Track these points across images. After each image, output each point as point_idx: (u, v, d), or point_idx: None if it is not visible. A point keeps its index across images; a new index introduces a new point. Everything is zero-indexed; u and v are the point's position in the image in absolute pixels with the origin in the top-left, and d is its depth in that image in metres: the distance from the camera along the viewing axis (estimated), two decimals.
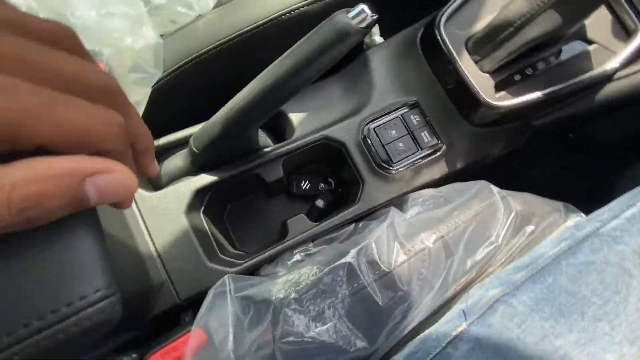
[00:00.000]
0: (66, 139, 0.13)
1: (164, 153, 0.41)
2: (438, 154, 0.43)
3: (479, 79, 0.39)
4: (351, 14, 0.28)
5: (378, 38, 0.62)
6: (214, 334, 0.30)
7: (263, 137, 0.45)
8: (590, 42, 0.39)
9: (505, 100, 0.38)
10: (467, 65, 0.39)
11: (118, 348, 0.35)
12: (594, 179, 0.59)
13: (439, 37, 0.39)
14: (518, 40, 0.35)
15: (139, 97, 0.37)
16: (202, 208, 0.40)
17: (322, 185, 0.51)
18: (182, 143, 0.41)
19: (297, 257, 0.40)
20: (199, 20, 0.40)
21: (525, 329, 0.21)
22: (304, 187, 0.51)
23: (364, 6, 0.28)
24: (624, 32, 0.38)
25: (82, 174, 0.13)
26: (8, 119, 0.12)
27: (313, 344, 0.28)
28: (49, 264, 0.14)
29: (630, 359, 0.18)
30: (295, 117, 0.45)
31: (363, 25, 0.28)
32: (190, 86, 0.43)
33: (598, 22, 0.39)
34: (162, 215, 0.37)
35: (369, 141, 0.42)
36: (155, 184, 0.41)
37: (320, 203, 0.47)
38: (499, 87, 0.39)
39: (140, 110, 0.39)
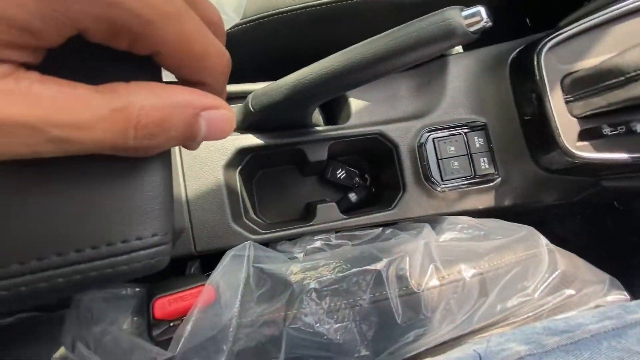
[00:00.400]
0: (183, 55, 0.13)
1: None
2: (490, 184, 0.41)
3: (564, 120, 0.36)
4: (465, 13, 0.26)
5: (458, 47, 0.58)
6: (223, 293, 0.30)
7: (316, 115, 0.44)
8: None
9: (586, 152, 0.35)
10: (556, 103, 0.36)
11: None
12: (635, 253, 0.55)
13: (535, 64, 0.36)
14: (624, 94, 0.32)
15: None
16: (240, 168, 0.39)
17: (357, 179, 0.49)
18: (239, 97, 0.40)
19: (317, 243, 0.39)
20: None
21: None
22: (339, 176, 0.49)
23: (481, 8, 0.25)
24: None
25: (200, 107, 0.13)
26: (146, 16, 0.11)
27: (319, 338, 0.28)
28: (116, 196, 0.13)
29: None
30: (355, 104, 0.43)
31: (473, 29, 0.26)
32: (263, 41, 0.41)
33: None
34: (200, 163, 0.36)
35: (424, 150, 0.40)
36: None
37: (353, 197, 0.45)
38: (582, 136, 0.36)
39: None
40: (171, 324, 0.29)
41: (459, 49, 0.56)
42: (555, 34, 0.36)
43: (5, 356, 0.31)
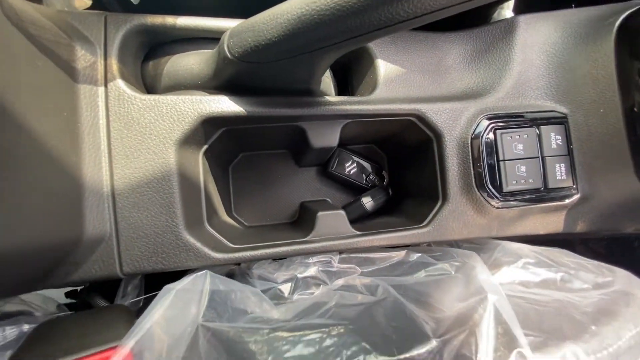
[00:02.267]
0: None
1: (178, 42, 0.26)
2: (564, 202, 0.29)
3: None
4: None
5: (509, 13, 0.45)
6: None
7: (326, 81, 0.30)
8: None
9: None
10: None
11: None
12: None
13: None
14: None
15: None
16: (206, 146, 0.26)
17: (372, 176, 0.36)
18: (209, 38, 0.26)
19: (312, 270, 0.26)
20: None
21: None
22: (347, 170, 0.36)
23: None
24: None
25: None
26: None
27: None
28: None
29: None
30: (385, 69, 0.29)
31: None
32: None
33: None
34: (140, 135, 0.23)
35: (480, 145, 0.28)
36: (150, 84, 0.26)
37: (368, 203, 0.33)
38: None
39: None
40: None
41: (506, 14, 0.43)
42: None
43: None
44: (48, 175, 0.18)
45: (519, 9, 0.45)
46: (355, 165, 0.36)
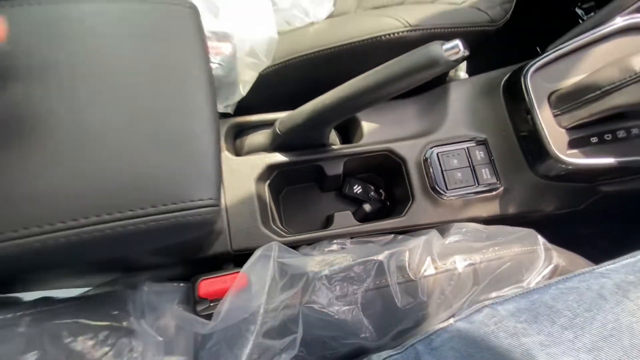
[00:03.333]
0: None
1: (252, 128, 0.49)
2: (493, 193, 0.45)
3: (553, 132, 0.40)
4: (446, 46, 0.32)
5: (463, 74, 0.64)
6: (253, 283, 0.36)
7: (333, 136, 0.51)
8: None
9: (576, 158, 0.39)
10: (545, 117, 0.40)
11: (170, 277, 0.43)
12: None
13: (523, 85, 0.41)
14: (602, 105, 0.36)
15: (247, 77, 0.45)
16: (268, 181, 0.47)
17: (372, 193, 0.55)
18: (269, 123, 0.48)
19: (334, 246, 0.44)
20: (311, 27, 0.47)
21: (500, 327, 0.24)
22: (355, 190, 0.55)
23: (459, 42, 0.32)
24: None
25: None
26: None
27: (330, 318, 0.32)
28: (189, 170, 0.19)
29: None
30: (367, 126, 0.49)
31: (453, 58, 0.32)
32: (289, 79, 0.50)
33: None
34: (237, 176, 0.44)
35: (429, 163, 0.45)
36: (238, 151, 0.48)
37: (367, 207, 0.51)
38: (572, 145, 0.40)
39: (246, 89, 0.46)
40: (211, 303, 0.35)
41: (463, 76, 0.62)
42: (538, 59, 0.41)
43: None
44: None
45: (471, 70, 0.64)
46: (360, 187, 0.55)
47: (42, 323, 0.23)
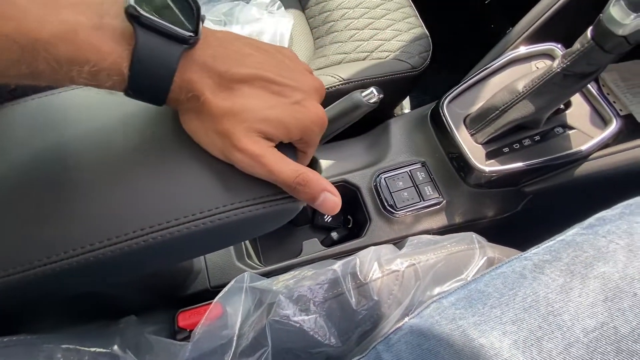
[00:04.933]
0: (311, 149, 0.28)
1: None
2: (438, 206, 0.51)
3: (472, 148, 0.47)
4: (364, 93, 0.40)
5: (407, 110, 0.74)
6: (228, 310, 0.40)
7: None
8: (571, 128, 0.45)
9: (494, 167, 0.46)
10: (464, 137, 0.48)
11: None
12: None
13: (442, 114, 0.50)
14: (502, 121, 0.44)
15: None
16: None
17: (341, 219, 0.60)
18: None
19: (300, 269, 0.49)
20: None
21: (442, 316, 0.28)
22: (326, 220, 0.61)
23: (373, 89, 0.40)
24: (601, 121, 0.44)
25: (326, 189, 0.26)
26: (314, 142, 0.28)
27: (295, 329, 0.36)
28: None
29: (510, 334, 0.24)
30: (324, 163, 0.57)
31: (372, 101, 0.40)
32: None
33: (579, 112, 0.46)
34: None
35: (379, 188, 0.52)
36: None
37: (334, 235, 0.56)
38: (489, 156, 0.47)
39: None
40: (190, 333, 0.39)
41: (405, 111, 0.72)
42: (450, 91, 0.50)
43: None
44: None
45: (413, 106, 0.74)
46: (329, 216, 0.61)
47: (38, 346, 0.27)
